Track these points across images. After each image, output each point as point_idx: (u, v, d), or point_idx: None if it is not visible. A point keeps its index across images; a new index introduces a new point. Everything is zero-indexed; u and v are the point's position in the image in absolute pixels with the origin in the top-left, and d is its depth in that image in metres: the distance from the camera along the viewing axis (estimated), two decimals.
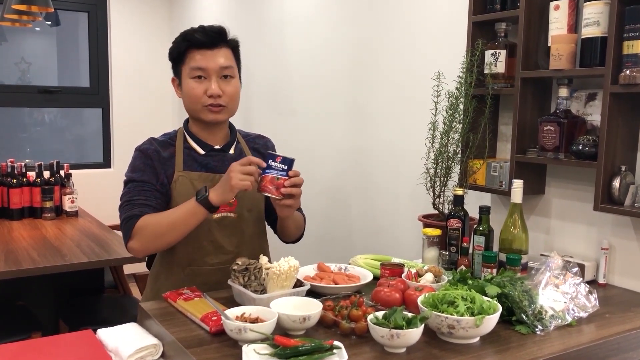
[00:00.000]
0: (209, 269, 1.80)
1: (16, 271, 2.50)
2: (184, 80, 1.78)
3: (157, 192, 1.74)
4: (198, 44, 1.75)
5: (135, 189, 1.73)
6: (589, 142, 1.80)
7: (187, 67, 1.77)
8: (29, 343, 1.55)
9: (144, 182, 1.73)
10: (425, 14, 2.55)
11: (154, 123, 5.04)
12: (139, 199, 1.71)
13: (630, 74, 1.65)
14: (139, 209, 1.69)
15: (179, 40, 1.79)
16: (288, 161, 1.62)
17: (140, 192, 1.72)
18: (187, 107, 1.80)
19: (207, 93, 1.74)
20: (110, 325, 1.54)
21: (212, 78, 1.74)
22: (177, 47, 1.79)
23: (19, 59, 5.12)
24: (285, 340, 1.25)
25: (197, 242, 1.78)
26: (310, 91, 3.37)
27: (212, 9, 4.46)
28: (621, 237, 1.87)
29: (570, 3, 1.85)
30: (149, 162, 1.76)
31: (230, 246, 1.81)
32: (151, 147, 1.79)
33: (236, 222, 1.82)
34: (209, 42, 1.75)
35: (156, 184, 1.74)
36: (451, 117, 2.08)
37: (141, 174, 1.75)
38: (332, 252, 3.18)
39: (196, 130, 1.83)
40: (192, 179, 1.77)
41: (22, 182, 3.50)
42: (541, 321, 1.44)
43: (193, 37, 1.76)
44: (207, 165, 1.80)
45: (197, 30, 1.77)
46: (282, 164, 1.61)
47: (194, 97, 1.75)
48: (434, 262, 1.87)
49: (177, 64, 1.81)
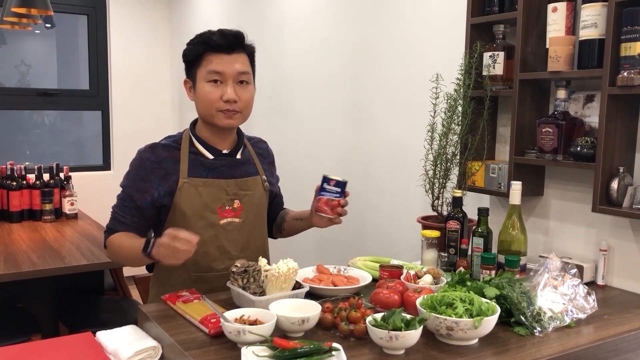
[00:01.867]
0: (216, 275, 1.79)
1: (16, 274, 2.50)
2: (198, 84, 1.75)
3: (135, 210, 1.76)
4: (216, 47, 1.72)
5: (120, 202, 1.79)
6: (587, 144, 1.80)
7: (203, 70, 1.73)
8: (28, 346, 1.55)
9: (129, 197, 1.77)
10: (424, 16, 2.55)
11: (154, 125, 5.05)
12: (118, 214, 1.78)
13: (628, 76, 1.66)
14: (114, 224, 1.78)
15: (196, 42, 1.75)
16: (341, 184, 1.77)
17: (122, 207, 1.78)
18: (201, 110, 1.77)
19: (222, 98, 1.72)
20: (110, 328, 1.54)
21: (228, 83, 1.72)
22: (194, 49, 1.75)
23: (18, 62, 5.13)
24: (284, 342, 1.25)
25: (204, 248, 1.76)
26: (309, 92, 3.38)
27: (212, 10, 4.47)
28: (620, 238, 1.88)
29: (568, 5, 1.86)
30: (141, 173, 1.76)
31: (236, 251, 1.81)
32: (151, 157, 1.76)
33: (241, 227, 1.82)
34: (227, 46, 1.72)
35: (137, 200, 1.75)
36: (450, 119, 2.08)
37: (130, 184, 1.77)
38: (331, 254, 3.18)
39: (206, 135, 1.81)
40: (196, 185, 1.76)
41: (22, 185, 3.50)
42: (540, 323, 1.45)
43: (211, 40, 1.72)
44: (215, 169, 1.79)
45: (215, 33, 1.74)
46: (336, 187, 1.77)
47: (209, 101, 1.73)
48: (433, 263, 1.88)
49: (192, 66, 1.77)
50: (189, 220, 1.75)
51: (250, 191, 1.83)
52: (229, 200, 1.79)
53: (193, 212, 1.75)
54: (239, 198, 1.81)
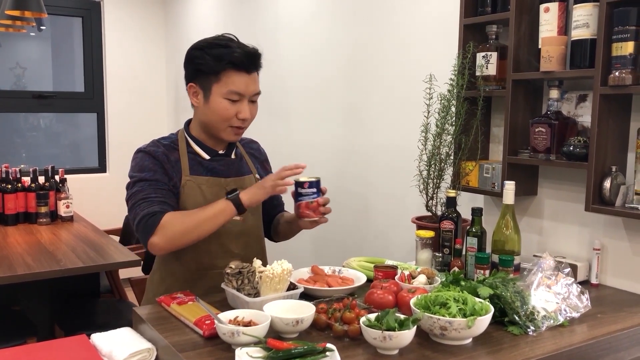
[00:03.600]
0: (218, 272, 1.78)
1: (11, 277, 2.50)
2: (214, 97, 1.72)
3: (171, 192, 1.73)
4: (238, 65, 1.70)
5: (150, 187, 1.70)
6: (579, 143, 1.81)
7: (223, 86, 1.71)
8: (23, 348, 1.55)
9: (157, 181, 1.72)
10: (417, 17, 2.56)
11: (149, 127, 5.04)
12: (156, 197, 1.69)
13: (620, 75, 1.66)
14: (159, 206, 1.67)
15: (216, 56, 1.70)
16: (315, 184, 1.71)
17: (157, 189, 1.70)
18: (211, 122, 1.76)
19: (238, 116, 1.72)
20: (106, 330, 1.54)
21: (244, 102, 1.73)
22: (214, 64, 1.70)
23: (13, 64, 5.13)
24: (278, 343, 1.26)
25: (206, 246, 1.77)
26: (304, 94, 3.38)
27: (207, 13, 4.47)
28: (613, 237, 1.88)
29: (560, 5, 1.87)
30: (158, 163, 1.74)
31: (237, 249, 1.82)
32: (159, 150, 1.76)
33: (241, 226, 1.83)
34: (248, 65, 1.72)
35: (169, 184, 1.73)
36: (443, 119, 2.09)
37: (152, 173, 1.73)
38: (325, 255, 3.19)
39: (202, 136, 1.82)
40: (199, 183, 1.77)
41: (17, 188, 3.49)
42: (533, 322, 1.45)
43: (234, 57, 1.69)
44: (213, 169, 1.80)
45: (237, 49, 1.70)
46: (310, 188, 1.70)
47: (225, 117, 1.73)
48: (427, 263, 1.88)
49: (207, 77, 1.73)
50: None
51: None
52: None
53: None
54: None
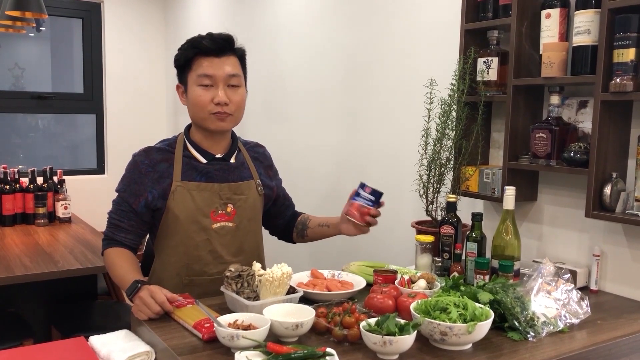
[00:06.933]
0: (208, 279, 1.79)
1: (8, 278, 2.49)
2: (190, 88, 1.77)
3: (132, 213, 1.78)
4: (205, 51, 1.74)
5: (116, 207, 1.80)
6: (580, 149, 1.81)
7: (193, 74, 1.75)
8: (20, 350, 1.54)
9: (122, 201, 1.79)
10: (419, 22, 2.56)
11: (148, 129, 5.04)
12: (115, 219, 1.79)
13: (621, 82, 1.67)
14: (112, 230, 1.79)
15: (186, 47, 1.77)
16: (377, 194, 1.75)
17: (118, 211, 1.79)
18: (193, 114, 1.79)
19: (214, 101, 1.73)
20: (103, 332, 1.54)
21: (219, 86, 1.74)
22: (184, 53, 1.77)
23: (12, 65, 5.12)
24: (278, 347, 1.25)
25: (196, 252, 1.78)
26: (305, 97, 3.38)
27: (207, 14, 4.47)
28: (613, 243, 1.88)
29: (561, 11, 1.87)
30: (135, 177, 1.77)
31: (229, 255, 1.81)
32: (145, 161, 1.78)
33: (234, 232, 1.82)
34: (216, 49, 1.74)
35: (133, 204, 1.76)
36: (444, 124, 2.09)
37: (125, 188, 1.79)
38: (325, 259, 3.18)
39: (199, 138, 1.82)
40: (190, 189, 1.76)
41: (15, 188, 3.48)
42: (533, 328, 1.45)
43: (201, 44, 1.74)
44: (207, 174, 1.79)
45: (205, 37, 1.76)
46: (371, 195, 1.74)
47: (200, 104, 1.74)
48: (427, 268, 1.88)
49: (184, 71, 1.79)
50: (181, 224, 1.76)
51: (243, 195, 1.83)
52: (222, 204, 1.79)
53: (186, 216, 1.75)
54: (232, 202, 1.81)
